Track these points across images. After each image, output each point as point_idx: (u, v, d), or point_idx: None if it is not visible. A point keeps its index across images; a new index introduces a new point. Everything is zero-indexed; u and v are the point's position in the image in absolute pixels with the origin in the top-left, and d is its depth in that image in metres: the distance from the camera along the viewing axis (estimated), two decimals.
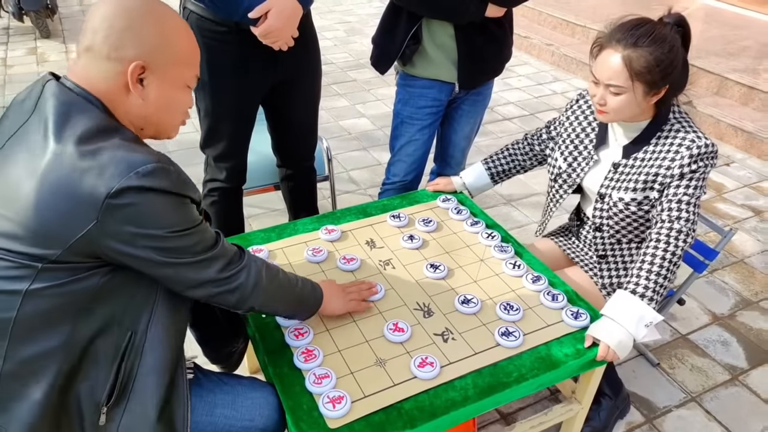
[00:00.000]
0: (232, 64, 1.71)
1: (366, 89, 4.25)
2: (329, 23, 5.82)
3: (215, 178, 1.95)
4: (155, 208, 0.91)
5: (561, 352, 1.32)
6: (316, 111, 2.02)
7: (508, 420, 1.79)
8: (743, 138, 3.56)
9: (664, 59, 1.32)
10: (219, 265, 1.04)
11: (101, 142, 0.90)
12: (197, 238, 0.99)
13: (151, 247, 0.93)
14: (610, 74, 1.35)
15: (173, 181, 0.93)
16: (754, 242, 2.71)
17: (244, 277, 1.08)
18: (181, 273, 0.99)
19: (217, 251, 1.03)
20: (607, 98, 1.39)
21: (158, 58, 0.97)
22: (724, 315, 2.27)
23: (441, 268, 1.53)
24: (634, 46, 1.32)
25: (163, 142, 3.38)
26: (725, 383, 1.96)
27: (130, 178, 0.87)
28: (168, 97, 1.02)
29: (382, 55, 1.99)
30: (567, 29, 5.18)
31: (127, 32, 0.94)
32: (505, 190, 3.04)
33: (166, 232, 0.93)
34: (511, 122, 3.85)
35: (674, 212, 1.38)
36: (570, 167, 1.62)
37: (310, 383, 1.19)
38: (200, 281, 1.02)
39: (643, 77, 1.33)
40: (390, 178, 2.18)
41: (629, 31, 1.34)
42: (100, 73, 0.95)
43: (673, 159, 1.40)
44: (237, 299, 1.09)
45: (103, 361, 1.00)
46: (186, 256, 0.98)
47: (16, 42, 5.10)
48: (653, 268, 1.34)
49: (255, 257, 1.13)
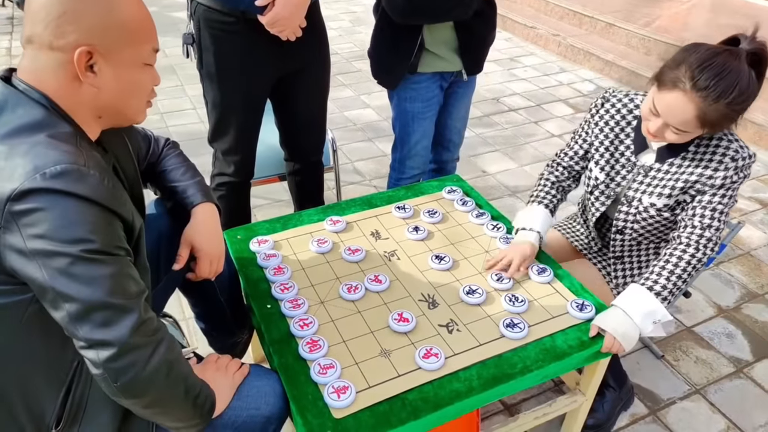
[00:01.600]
0: (239, 54, 1.70)
1: (371, 80, 4.20)
2: (334, 13, 5.79)
3: (223, 173, 1.95)
4: (62, 215, 0.77)
5: (566, 343, 1.32)
6: (324, 104, 2.00)
7: (511, 411, 1.80)
8: (753, 130, 3.53)
9: (741, 109, 1.24)
10: (132, 323, 0.82)
11: (24, 138, 0.81)
12: (113, 270, 0.81)
13: (49, 267, 0.77)
14: (679, 120, 1.26)
15: (91, 187, 0.80)
16: (761, 235, 2.69)
17: (145, 356, 0.84)
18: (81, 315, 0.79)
19: (135, 303, 0.84)
20: (666, 133, 1.31)
21: (105, 40, 0.87)
22: (729, 307, 2.26)
23: (446, 259, 1.53)
24: (714, 100, 1.20)
25: (167, 131, 3.39)
26: (730, 376, 1.96)
27: (33, 180, 0.77)
28: (126, 80, 0.92)
29: (388, 73, 1.98)
30: (574, 19, 5.13)
31: (66, 16, 0.84)
32: (510, 181, 3.03)
33: (75, 249, 0.77)
34: (517, 113, 3.83)
35: (707, 220, 1.36)
36: (608, 177, 1.51)
37: (315, 373, 1.20)
38: (88, 334, 0.80)
39: (713, 126, 1.27)
40: (407, 172, 2.16)
41: (712, 80, 1.20)
42: (46, 66, 0.86)
43: (716, 168, 1.34)
44: (117, 388, 0.83)
45: (46, 389, 0.94)
46: (92, 294, 0.79)
47: (21, 32, 5.09)
48: (676, 270, 1.34)
49: (170, 343, 0.90)
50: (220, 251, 1.24)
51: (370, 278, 1.45)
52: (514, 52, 4.88)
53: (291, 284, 1.42)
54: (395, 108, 2.08)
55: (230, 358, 1.20)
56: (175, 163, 1.29)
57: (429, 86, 1.99)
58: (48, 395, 0.95)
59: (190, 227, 1.23)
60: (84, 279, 0.79)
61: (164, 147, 1.31)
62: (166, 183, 1.28)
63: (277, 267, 1.48)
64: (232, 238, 1.60)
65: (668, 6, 1.42)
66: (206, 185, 1.31)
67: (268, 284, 1.44)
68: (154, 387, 0.87)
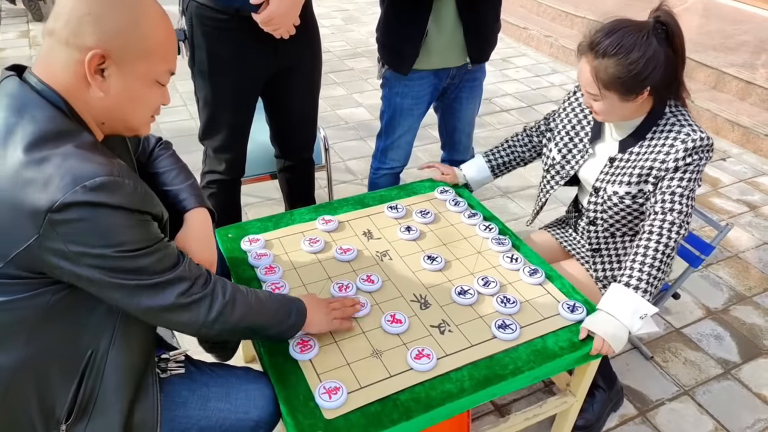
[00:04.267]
0: (231, 52, 1.68)
1: (363, 78, 4.23)
2: (327, 11, 5.77)
3: (214, 170, 1.93)
4: (104, 225, 0.84)
5: (557, 345, 1.32)
6: (315, 101, 2.00)
7: (502, 411, 1.80)
8: (740, 133, 3.56)
9: (633, 69, 1.31)
10: (179, 290, 0.95)
11: (51, 149, 0.83)
12: (154, 259, 0.92)
13: (97, 267, 0.86)
14: (584, 83, 1.39)
15: (127, 196, 0.86)
16: (749, 237, 2.72)
17: (206, 307, 0.99)
18: (133, 296, 0.91)
19: (177, 273, 0.95)
20: (590, 102, 1.43)
21: (122, 49, 0.89)
22: (717, 309, 2.28)
23: (438, 259, 1.53)
24: (602, 57, 1.33)
25: (158, 128, 3.35)
26: (718, 377, 1.98)
27: (75, 193, 0.81)
28: (133, 92, 0.93)
29: (399, 58, 1.95)
30: (566, 20, 5.15)
31: (88, 18, 0.86)
32: (502, 182, 3.04)
33: (116, 251, 0.86)
34: (509, 114, 3.84)
35: (668, 204, 1.38)
36: (564, 159, 1.62)
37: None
38: (154, 307, 0.94)
39: (612, 86, 1.35)
40: (388, 163, 2.19)
41: (602, 38, 1.34)
42: (59, 61, 0.88)
43: (668, 153, 1.40)
44: (196, 329, 1.01)
45: (60, 378, 0.96)
46: (139, 277, 0.90)
47: (8, 25, 5.03)
48: (647, 260, 1.35)
49: (226, 283, 1.05)
50: (213, 258, 1.23)
51: (362, 278, 1.45)
52: (506, 53, 4.89)
53: (282, 283, 1.41)
54: (385, 99, 2.09)
55: (339, 300, 1.32)
56: (168, 164, 1.28)
57: (422, 84, 1.99)
58: (61, 387, 0.96)
59: (183, 232, 1.21)
60: (130, 271, 0.89)
61: (156, 146, 1.30)
62: (159, 186, 1.27)
63: (269, 266, 1.47)
64: (224, 237, 1.59)
65: None
66: (199, 188, 1.29)
67: (260, 283, 1.43)
68: (229, 321, 1.03)
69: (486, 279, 1.46)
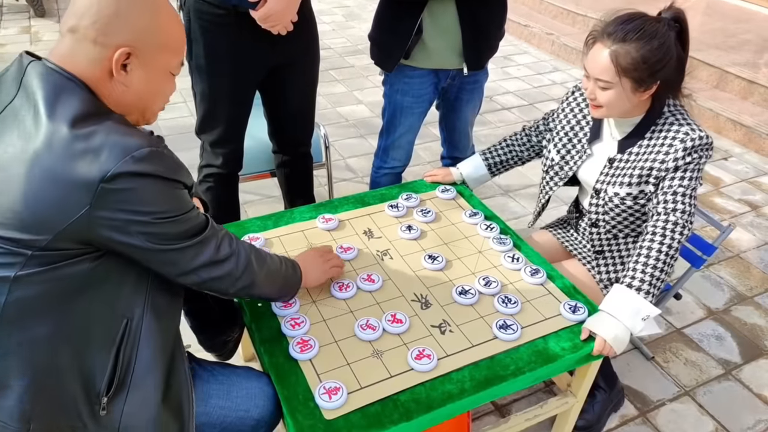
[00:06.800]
0: (229, 47, 1.68)
1: (364, 75, 4.21)
2: (327, 7, 5.75)
3: (211, 164, 1.93)
4: (148, 193, 0.90)
5: (558, 345, 1.31)
6: (313, 96, 2.00)
7: (502, 412, 1.79)
8: (742, 132, 3.55)
9: (652, 56, 1.30)
10: (210, 250, 1.03)
11: (94, 124, 0.88)
12: (189, 224, 0.99)
13: (142, 233, 0.92)
14: (599, 69, 1.35)
15: (167, 166, 0.92)
16: (750, 237, 2.71)
17: (235, 262, 1.07)
18: (172, 259, 0.98)
19: (207, 235, 1.02)
20: (596, 93, 1.39)
21: (145, 45, 0.95)
22: (718, 309, 2.27)
23: (439, 259, 1.52)
24: (622, 42, 1.31)
25: (157, 125, 3.34)
26: (719, 377, 1.97)
27: (126, 163, 0.86)
28: (152, 83, 0.99)
29: (386, 54, 1.94)
30: (568, 18, 5.14)
31: (116, 18, 0.91)
32: (503, 181, 3.03)
33: (157, 217, 0.92)
34: (510, 112, 3.83)
35: (670, 204, 1.37)
36: (563, 159, 1.61)
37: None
38: (192, 267, 1.01)
39: (629, 73, 1.32)
40: (389, 162, 2.17)
41: (620, 25, 1.33)
42: (84, 56, 0.92)
43: (667, 152, 1.39)
44: (228, 284, 1.08)
45: (99, 348, 0.99)
46: (178, 241, 0.97)
47: (10, 20, 5.01)
48: (649, 261, 1.34)
49: (243, 242, 1.13)
50: None
51: (362, 277, 1.44)
52: (508, 51, 4.87)
53: None
54: (386, 97, 2.08)
55: (331, 250, 1.43)
56: None
57: (423, 82, 1.98)
58: (99, 357, 0.99)
59: None
60: (171, 235, 0.96)
61: None
62: None
63: None
64: None
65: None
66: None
67: None
68: (253, 270, 1.11)
69: (487, 279, 1.45)
